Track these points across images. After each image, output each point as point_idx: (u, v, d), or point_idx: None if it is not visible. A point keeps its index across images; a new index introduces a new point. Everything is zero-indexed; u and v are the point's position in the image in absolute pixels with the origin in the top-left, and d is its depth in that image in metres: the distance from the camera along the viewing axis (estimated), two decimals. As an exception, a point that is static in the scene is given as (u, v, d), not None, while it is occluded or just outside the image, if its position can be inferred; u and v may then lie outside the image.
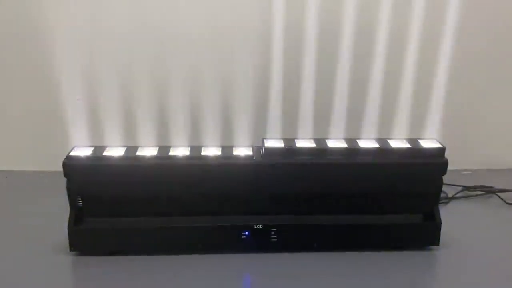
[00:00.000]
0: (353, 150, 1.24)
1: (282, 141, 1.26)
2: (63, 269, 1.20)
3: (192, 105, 1.66)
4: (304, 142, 1.25)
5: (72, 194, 1.19)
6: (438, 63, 1.66)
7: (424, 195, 1.25)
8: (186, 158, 1.21)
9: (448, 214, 1.36)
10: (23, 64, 1.65)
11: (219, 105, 1.67)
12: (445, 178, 1.25)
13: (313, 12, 1.61)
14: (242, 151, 1.24)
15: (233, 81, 1.65)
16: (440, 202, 1.32)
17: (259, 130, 1.67)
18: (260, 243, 1.24)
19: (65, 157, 1.19)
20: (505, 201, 1.57)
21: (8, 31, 1.62)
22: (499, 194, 1.60)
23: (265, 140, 1.26)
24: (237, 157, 1.22)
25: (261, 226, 1.23)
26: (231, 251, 1.24)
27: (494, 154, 1.81)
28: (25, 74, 1.66)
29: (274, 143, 1.25)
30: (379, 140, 1.28)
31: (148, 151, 1.23)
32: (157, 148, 1.25)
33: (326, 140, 1.27)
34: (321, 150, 1.23)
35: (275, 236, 1.23)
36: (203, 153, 1.23)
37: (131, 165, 1.20)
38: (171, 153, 1.23)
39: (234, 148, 1.26)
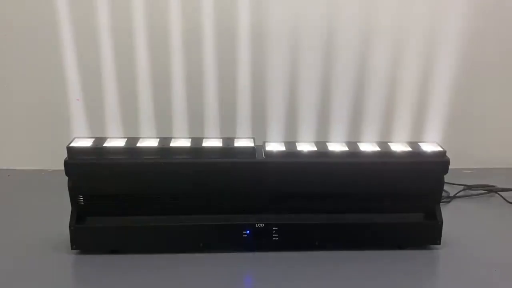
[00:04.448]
0: (355, 149, 1.24)
1: (283, 144, 1.26)
2: (64, 268, 1.20)
3: (194, 102, 1.66)
4: (305, 145, 1.25)
5: (73, 192, 1.19)
6: (440, 62, 1.66)
7: (425, 194, 1.25)
8: (188, 156, 1.20)
9: (450, 213, 1.37)
10: (22, 63, 1.65)
11: (220, 103, 1.67)
12: (447, 177, 1.25)
13: (312, 16, 1.61)
14: (244, 142, 1.23)
15: (233, 81, 1.66)
16: (441, 201, 1.32)
17: (260, 131, 1.68)
18: (261, 242, 1.24)
19: (65, 148, 1.19)
20: (506, 200, 1.57)
21: (8, 31, 1.62)
22: (500, 193, 1.60)
23: (266, 143, 1.26)
24: (239, 155, 1.21)
25: (262, 225, 1.23)
26: (233, 249, 1.24)
27: (495, 153, 1.81)
28: (25, 73, 1.66)
29: (275, 146, 1.25)
30: (380, 143, 1.28)
31: (149, 142, 1.22)
32: (158, 139, 1.24)
33: (327, 143, 1.27)
34: (322, 152, 1.23)
35: (276, 235, 1.23)
36: (204, 144, 1.22)
37: (132, 164, 1.19)
38: (172, 144, 1.22)
39: (235, 140, 1.25)
